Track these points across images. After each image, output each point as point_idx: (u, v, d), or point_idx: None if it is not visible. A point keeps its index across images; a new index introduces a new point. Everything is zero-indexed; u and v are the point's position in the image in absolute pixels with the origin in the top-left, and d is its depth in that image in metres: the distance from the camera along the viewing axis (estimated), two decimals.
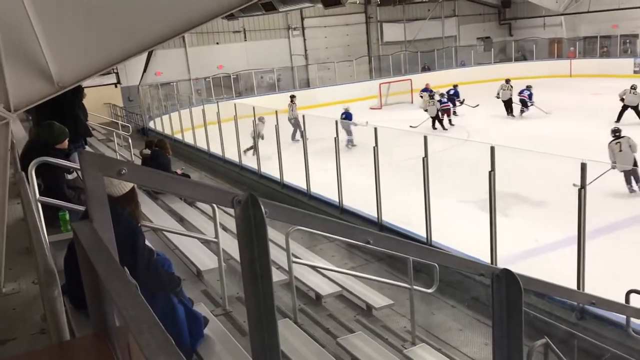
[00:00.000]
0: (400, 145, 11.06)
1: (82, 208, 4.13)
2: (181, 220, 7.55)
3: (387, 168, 9.49)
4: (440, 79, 29.82)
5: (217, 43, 28.39)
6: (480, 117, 20.95)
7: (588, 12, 30.60)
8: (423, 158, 7.72)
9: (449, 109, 20.15)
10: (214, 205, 4.59)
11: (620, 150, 11.00)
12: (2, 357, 3.19)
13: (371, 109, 25.58)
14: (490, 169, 6.69)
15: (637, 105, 17.42)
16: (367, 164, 9.09)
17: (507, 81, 21.22)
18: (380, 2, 30.36)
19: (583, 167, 5.62)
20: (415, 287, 5.56)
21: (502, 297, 2.21)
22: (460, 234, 8.47)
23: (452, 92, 22.20)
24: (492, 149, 6.58)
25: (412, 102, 25.84)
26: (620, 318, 5.25)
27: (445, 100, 20.23)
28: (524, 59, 33.26)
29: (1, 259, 4.15)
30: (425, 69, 32.36)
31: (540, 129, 17.89)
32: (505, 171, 7.31)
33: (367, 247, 3.16)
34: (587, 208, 5.90)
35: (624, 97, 17.59)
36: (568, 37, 32.79)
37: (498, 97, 21.20)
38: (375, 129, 8.66)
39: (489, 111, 21.50)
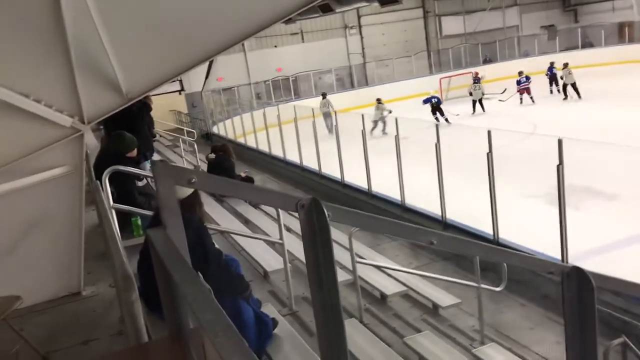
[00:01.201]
0: (463, 141, 10.87)
1: (152, 213, 4.31)
2: (246, 222, 7.73)
3: (452, 164, 9.34)
4: (503, 71, 29.01)
5: (276, 46, 28.78)
6: (542, 107, 20.30)
7: None
8: (487, 153, 7.55)
9: (528, 88, 22.17)
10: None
11: None
12: (86, 356, 3.39)
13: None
14: (558, 162, 6.47)
15: None
16: (427, 161, 8.98)
17: (566, 65, 21.78)
18: None
19: None
20: (482, 285, 5.46)
21: (574, 296, 2.15)
22: (529, 229, 8.23)
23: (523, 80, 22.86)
24: (560, 141, 6.37)
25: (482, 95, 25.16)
26: None
27: (524, 80, 22.31)
28: (591, 45, 31.88)
29: (80, 264, 4.39)
30: (487, 60, 31.57)
31: (610, 117, 17.12)
32: (575, 163, 7.05)
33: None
34: None
35: None
36: None
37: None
38: (437, 126, 8.55)
39: (550, 101, 20.78)
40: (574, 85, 21.72)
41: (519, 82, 22.62)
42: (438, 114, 19.63)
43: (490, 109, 21.90)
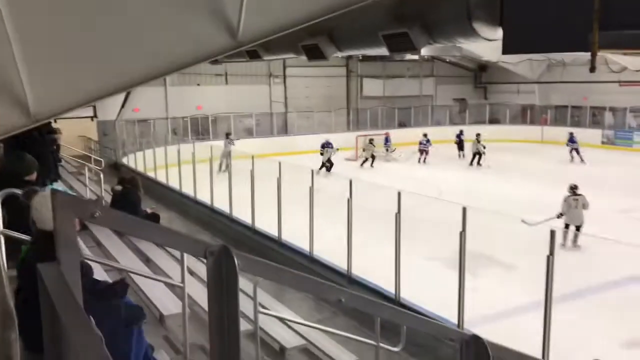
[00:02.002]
0: (375, 199, 11.13)
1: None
2: (147, 261, 7.39)
3: (360, 220, 9.51)
4: (416, 136, 30.39)
5: (198, 84, 28.57)
6: (449, 172, 21.36)
7: (560, 82, 31.79)
8: (396, 214, 7.76)
9: (427, 150, 25.30)
10: None
11: (576, 207, 11.29)
12: None
13: (347, 160, 25.80)
14: (461, 229, 6.74)
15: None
16: (340, 215, 9.10)
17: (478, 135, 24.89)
18: (361, 57, 31.06)
19: (552, 234, 5.71)
20: (381, 344, 5.47)
21: None
22: (429, 291, 8.44)
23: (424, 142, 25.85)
24: (464, 209, 6.66)
25: (390, 158, 26.17)
26: None
27: (424, 142, 25.41)
28: (498, 122, 34.16)
29: None
30: (402, 124, 32.97)
31: (510, 191, 18.21)
32: (477, 230, 7.38)
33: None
34: (554, 274, 5.96)
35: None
36: (541, 104, 33.93)
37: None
38: (350, 181, 8.71)
39: (459, 170, 21.93)
40: (479, 154, 24.10)
41: (420, 143, 25.48)
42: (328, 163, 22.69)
43: (403, 171, 22.72)
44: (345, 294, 1.98)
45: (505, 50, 3.62)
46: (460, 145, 26.93)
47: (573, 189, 11.72)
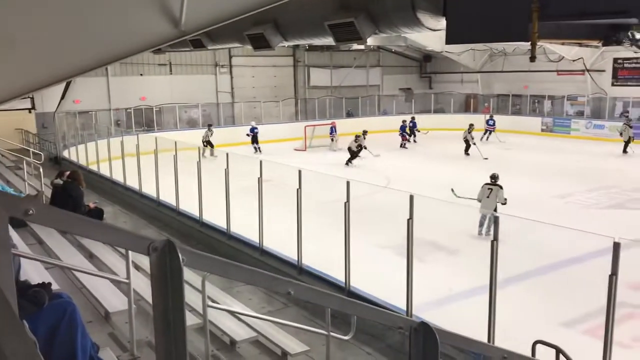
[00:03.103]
0: (324, 188, 11.18)
1: None
2: (91, 257, 7.17)
3: (310, 210, 9.52)
4: (363, 125, 30.69)
5: (141, 74, 27.86)
6: (401, 163, 21.67)
7: (502, 71, 32.67)
8: (345, 203, 7.79)
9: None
10: None
11: (488, 197, 11.55)
12: None
13: (295, 150, 25.80)
14: (408, 217, 6.84)
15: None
16: (289, 205, 9.08)
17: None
18: (308, 47, 31.01)
19: (496, 220, 5.86)
20: (332, 333, 5.50)
21: (420, 350, 2.22)
22: (379, 279, 8.55)
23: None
24: (411, 197, 6.75)
25: (335, 150, 26.28)
26: None
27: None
28: (443, 111, 34.84)
29: None
30: (349, 114, 33.16)
31: (456, 178, 18.62)
32: (424, 218, 7.50)
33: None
34: (499, 258, 6.14)
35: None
36: (483, 93, 34.80)
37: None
38: (300, 171, 8.69)
39: (408, 158, 22.28)
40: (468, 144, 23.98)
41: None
42: (256, 144, 24.02)
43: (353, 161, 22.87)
44: (294, 286, 1.96)
45: (449, 40, 3.67)
46: (411, 132, 27.75)
47: (492, 178, 11.90)
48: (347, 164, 21.53)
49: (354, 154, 21.83)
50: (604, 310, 5.49)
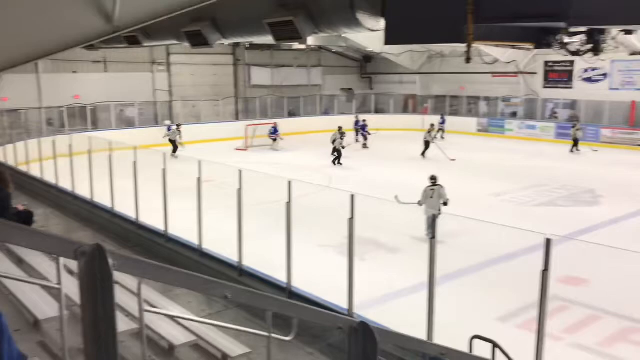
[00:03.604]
0: (265, 189, 11.08)
1: None
2: (20, 262, 6.84)
3: (252, 211, 9.43)
4: (305, 125, 30.85)
5: (75, 72, 26.85)
6: (344, 163, 21.83)
7: (439, 73, 33.49)
8: (287, 203, 7.76)
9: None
10: None
11: (432, 197, 11.66)
12: None
13: (236, 150, 25.55)
14: (350, 216, 6.88)
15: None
16: (230, 206, 8.96)
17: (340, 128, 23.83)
18: (248, 46, 30.78)
19: (434, 218, 5.97)
20: (273, 335, 5.45)
21: (359, 350, 2.21)
22: (321, 279, 8.57)
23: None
24: (352, 197, 6.79)
25: (278, 147, 26.21)
26: None
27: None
28: (383, 111, 35.38)
29: None
30: (291, 114, 33.16)
31: (395, 176, 18.94)
32: (365, 217, 7.57)
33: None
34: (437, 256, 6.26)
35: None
36: (422, 94, 35.57)
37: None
38: (240, 171, 8.59)
39: (352, 158, 22.48)
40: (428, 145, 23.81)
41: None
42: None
43: (292, 160, 22.87)
44: (231, 289, 1.91)
45: (388, 41, 3.70)
46: (357, 131, 27.86)
47: (432, 179, 12.12)
48: (336, 163, 21.62)
49: (339, 152, 21.84)
50: (538, 305, 5.69)
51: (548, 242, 5.02)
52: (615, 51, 4.25)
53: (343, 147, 21.88)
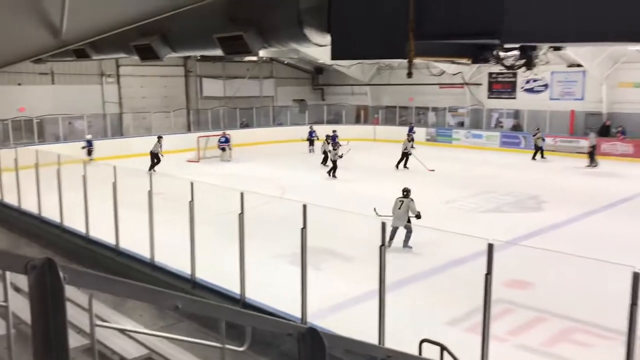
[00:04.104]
0: (218, 200, 11.08)
1: None
2: None
3: (204, 223, 9.41)
4: (258, 136, 30.88)
5: (20, 84, 26.09)
6: (291, 172, 21.96)
7: (389, 84, 34.11)
8: (239, 214, 7.79)
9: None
10: None
11: (399, 209, 11.88)
12: None
13: (188, 161, 25.31)
14: (302, 226, 6.97)
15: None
16: (183, 218, 8.92)
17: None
18: (200, 57, 30.61)
19: (383, 226, 6.14)
20: (227, 345, 5.48)
21: (308, 355, 2.30)
22: (274, 289, 8.61)
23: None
24: (304, 207, 6.89)
25: (230, 160, 26.09)
26: None
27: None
28: (335, 122, 35.73)
29: None
30: (244, 125, 33.10)
31: (350, 187, 19.16)
32: (320, 226, 7.68)
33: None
34: (389, 263, 6.42)
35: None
36: (373, 105, 36.14)
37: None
38: (192, 183, 8.58)
39: (306, 169, 22.62)
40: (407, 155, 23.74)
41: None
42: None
43: (245, 171, 22.83)
44: (182, 299, 1.97)
45: (334, 56, 3.84)
46: (311, 142, 28.25)
47: (404, 191, 12.19)
48: (331, 175, 21.27)
49: (334, 164, 21.41)
50: (481, 308, 5.91)
51: (490, 247, 5.24)
52: (547, 65, 4.56)
53: (340, 157, 21.26)
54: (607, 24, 3.09)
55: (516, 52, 3.99)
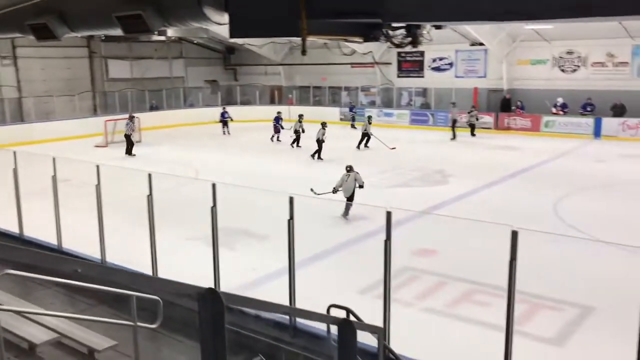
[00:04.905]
0: (128, 184, 10.88)
1: None
2: None
3: (114, 207, 9.25)
4: (169, 119, 30.21)
5: None
6: (208, 155, 21.78)
7: (302, 64, 34.27)
8: (147, 196, 7.76)
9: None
10: None
11: (347, 181, 12.93)
12: None
13: (96, 146, 24.42)
14: (212, 205, 7.06)
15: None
16: (92, 204, 8.73)
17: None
18: (104, 37, 29.39)
19: (291, 200, 6.35)
20: (138, 323, 5.53)
21: (208, 315, 2.46)
22: (188, 270, 8.64)
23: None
24: (214, 186, 6.98)
25: (140, 141, 25.39)
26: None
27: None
28: (249, 103, 35.54)
29: None
30: (154, 107, 32.23)
31: (263, 166, 19.27)
32: (234, 206, 7.78)
33: (87, 286, 3.13)
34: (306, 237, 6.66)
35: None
36: (287, 85, 36.22)
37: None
38: (98, 166, 8.41)
39: (222, 150, 22.46)
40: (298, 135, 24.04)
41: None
42: None
43: (157, 155, 22.37)
44: (82, 264, 2.07)
45: (232, 35, 3.96)
46: (224, 123, 27.97)
47: (347, 168, 13.26)
48: (316, 158, 20.96)
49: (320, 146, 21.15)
50: (392, 277, 6.31)
51: (388, 215, 5.59)
52: (429, 43, 4.85)
53: (323, 141, 21.14)
54: (481, 3, 3.41)
55: (403, 31, 4.28)
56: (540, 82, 27.79)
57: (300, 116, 24.83)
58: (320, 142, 21.05)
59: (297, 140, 23.83)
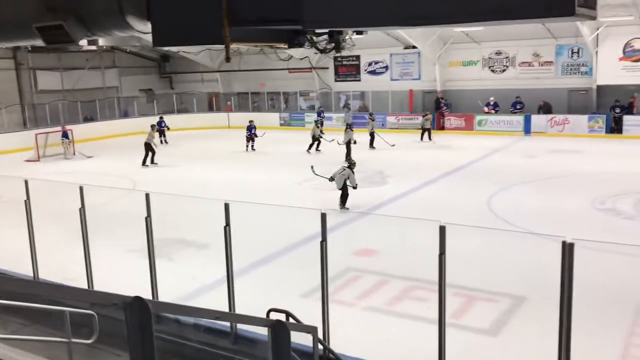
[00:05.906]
0: (65, 199, 10.58)
1: None
2: None
3: (47, 223, 8.96)
4: (103, 130, 29.45)
5: None
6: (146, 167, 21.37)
7: (239, 70, 34.13)
8: (80, 209, 7.58)
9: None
10: None
11: (338, 175, 13.78)
12: None
13: (27, 161, 23.49)
14: (146, 215, 6.98)
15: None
16: (21, 219, 8.44)
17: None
18: (30, 49, 28.32)
19: (226, 207, 6.36)
20: (74, 340, 5.40)
21: (136, 323, 2.46)
22: (125, 282, 8.45)
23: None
24: (147, 195, 6.90)
25: (74, 154, 24.63)
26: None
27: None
28: (186, 111, 35.07)
29: None
30: (88, 119, 31.31)
31: (200, 174, 19.07)
32: (173, 217, 7.69)
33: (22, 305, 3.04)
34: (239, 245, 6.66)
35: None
36: (224, 92, 35.96)
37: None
38: (26, 181, 8.14)
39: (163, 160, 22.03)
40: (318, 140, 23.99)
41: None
42: None
43: (92, 167, 21.77)
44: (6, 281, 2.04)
45: (155, 43, 3.95)
46: (161, 132, 27.16)
47: (347, 164, 14.18)
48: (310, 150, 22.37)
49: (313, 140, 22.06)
50: (334, 278, 6.40)
51: (323, 216, 5.68)
52: (351, 49, 5.04)
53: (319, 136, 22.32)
54: (395, 9, 3.54)
55: (326, 37, 4.38)
56: (472, 82, 28.75)
57: (316, 121, 25.42)
58: (348, 144, 21.55)
59: (316, 144, 23.89)
